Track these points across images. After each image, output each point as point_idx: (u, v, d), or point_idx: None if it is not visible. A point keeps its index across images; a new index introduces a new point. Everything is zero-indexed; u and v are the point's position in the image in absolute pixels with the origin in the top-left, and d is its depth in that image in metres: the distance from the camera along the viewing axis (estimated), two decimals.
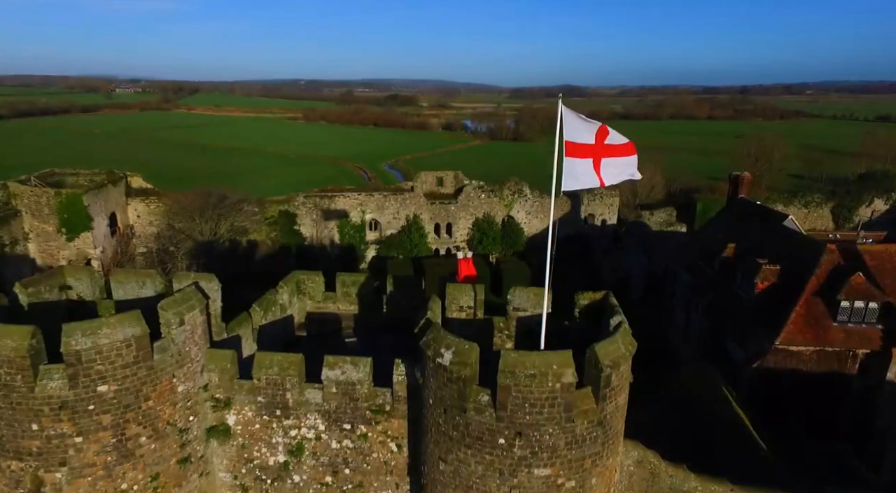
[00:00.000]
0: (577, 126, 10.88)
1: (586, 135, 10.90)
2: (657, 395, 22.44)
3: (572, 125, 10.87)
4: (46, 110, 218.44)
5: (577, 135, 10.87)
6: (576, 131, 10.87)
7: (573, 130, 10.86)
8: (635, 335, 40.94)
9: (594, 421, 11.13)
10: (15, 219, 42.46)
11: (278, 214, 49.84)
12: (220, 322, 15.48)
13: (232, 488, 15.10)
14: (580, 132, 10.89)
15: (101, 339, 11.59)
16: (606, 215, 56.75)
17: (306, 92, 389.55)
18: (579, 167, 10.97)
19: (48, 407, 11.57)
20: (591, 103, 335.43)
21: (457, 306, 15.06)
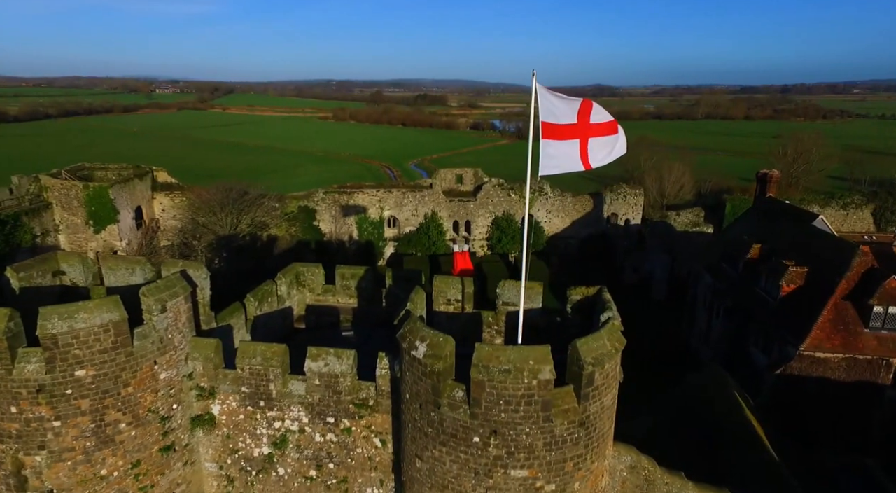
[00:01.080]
0: (554, 106, 10.23)
1: (567, 114, 10.26)
2: (666, 398, 21.49)
3: (549, 105, 10.23)
4: (90, 110, 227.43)
5: (555, 115, 10.23)
6: (554, 111, 10.23)
7: (551, 110, 10.22)
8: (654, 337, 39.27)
9: (575, 422, 10.50)
10: (46, 211, 43.93)
11: (298, 210, 50.23)
12: (209, 311, 15.39)
13: (218, 478, 14.98)
14: (560, 112, 10.25)
15: (78, 323, 11.55)
16: (630, 215, 55.24)
17: (337, 92, 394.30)
18: (560, 149, 10.33)
19: (26, 390, 11.59)
20: (623, 103, 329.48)
21: (444, 299, 14.59)
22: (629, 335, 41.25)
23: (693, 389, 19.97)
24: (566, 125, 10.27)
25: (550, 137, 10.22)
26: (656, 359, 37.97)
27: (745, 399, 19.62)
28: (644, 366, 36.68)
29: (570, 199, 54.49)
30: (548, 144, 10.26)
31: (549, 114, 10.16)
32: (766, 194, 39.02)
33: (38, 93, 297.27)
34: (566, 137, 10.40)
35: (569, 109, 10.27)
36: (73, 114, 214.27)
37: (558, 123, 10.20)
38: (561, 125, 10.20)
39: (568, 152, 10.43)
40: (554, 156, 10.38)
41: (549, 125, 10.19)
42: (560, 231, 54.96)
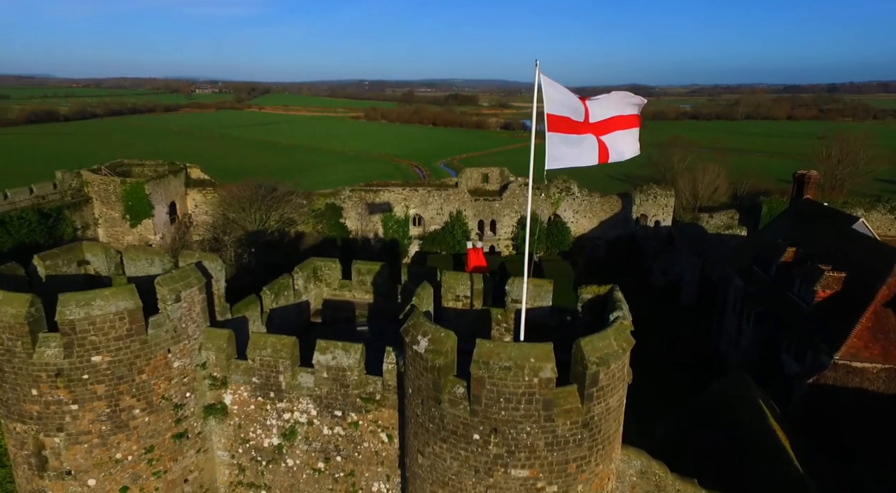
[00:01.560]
0: (561, 98, 9.98)
1: (578, 109, 9.99)
2: (689, 404, 20.87)
3: (555, 97, 9.99)
4: (134, 110, 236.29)
5: (563, 107, 9.98)
6: (563, 103, 9.98)
7: (556, 103, 9.98)
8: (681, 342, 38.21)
9: (578, 422, 10.24)
10: (87, 205, 45.74)
11: (325, 207, 50.88)
12: (224, 303, 15.68)
13: (230, 467, 15.25)
14: (569, 105, 9.99)
15: (95, 310, 11.92)
16: (660, 217, 53.98)
17: (370, 92, 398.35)
18: (568, 143, 10.08)
19: (45, 374, 12.03)
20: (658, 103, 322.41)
21: (453, 295, 14.48)
22: (655, 339, 40.24)
23: (716, 395, 19.31)
24: (577, 120, 10.02)
25: (556, 129, 10.00)
26: (683, 364, 37.00)
27: (772, 408, 18.86)
28: (670, 371, 35.88)
29: (597, 199, 53.60)
30: (553, 136, 10.04)
31: (554, 106, 9.94)
32: (804, 196, 37.49)
33: (87, 93, 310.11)
34: (580, 131, 10.14)
35: (579, 104, 10.01)
36: (118, 113, 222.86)
37: (566, 117, 9.96)
38: (569, 119, 9.96)
39: (581, 146, 10.16)
40: (559, 149, 10.14)
41: (555, 117, 9.96)
42: (587, 232, 54.12)
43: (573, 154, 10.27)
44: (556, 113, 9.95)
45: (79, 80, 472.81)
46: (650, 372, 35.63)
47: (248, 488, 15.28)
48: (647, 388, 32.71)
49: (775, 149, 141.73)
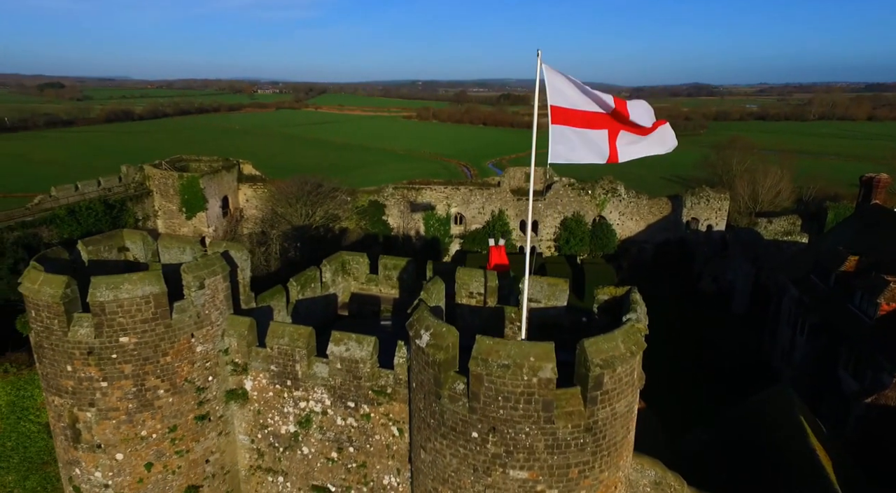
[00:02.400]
0: (570, 90, 9.62)
1: (590, 102, 9.62)
2: (726, 416, 19.82)
3: (560, 88, 9.63)
4: (201, 109, 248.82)
5: (569, 100, 9.62)
6: (568, 96, 9.63)
7: (562, 94, 9.63)
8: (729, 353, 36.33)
9: (580, 426, 9.90)
10: (148, 198, 48.52)
11: (368, 204, 51.70)
12: (249, 292, 16.19)
13: (250, 451, 15.74)
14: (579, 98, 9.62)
15: (123, 294, 12.59)
16: (713, 220, 51.57)
17: (423, 92, 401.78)
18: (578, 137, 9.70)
19: (78, 351, 12.82)
20: (721, 102, 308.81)
21: (466, 291, 14.34)
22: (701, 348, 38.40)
23: (755, 408, 18.23)
24: (590, 113, 9.66)
25: (560, 122, 9.67)
26: (730, 376, 35.19)
27: (816, 426, 17.59)
28: (716, 382, 34.20)
29: (645, 201, 51.83)
30: (557, 129, 9.72)
31: (558, 97, 9.62)
32: (871, 201, 34.82)
33: (160, 94, 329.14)
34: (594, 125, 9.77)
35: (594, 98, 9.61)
36: (187, 112, 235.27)
37: (574, 109, 9.62)
38: (579, 111, 9.62)
39: (594, 142, 9.79)
40: (565, 142, 9.81)
41: (560, 109, 9.64)
42: (633, 235, 52.44)
43: (580, 150, 9.91)
44: (561, 105, 9.63)
45: (153, 81, 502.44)
46: (692, 382, 34.38)
47: (267, 472, 15.72)
48: (687, 397, 31.55)
49: (851, 151, 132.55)
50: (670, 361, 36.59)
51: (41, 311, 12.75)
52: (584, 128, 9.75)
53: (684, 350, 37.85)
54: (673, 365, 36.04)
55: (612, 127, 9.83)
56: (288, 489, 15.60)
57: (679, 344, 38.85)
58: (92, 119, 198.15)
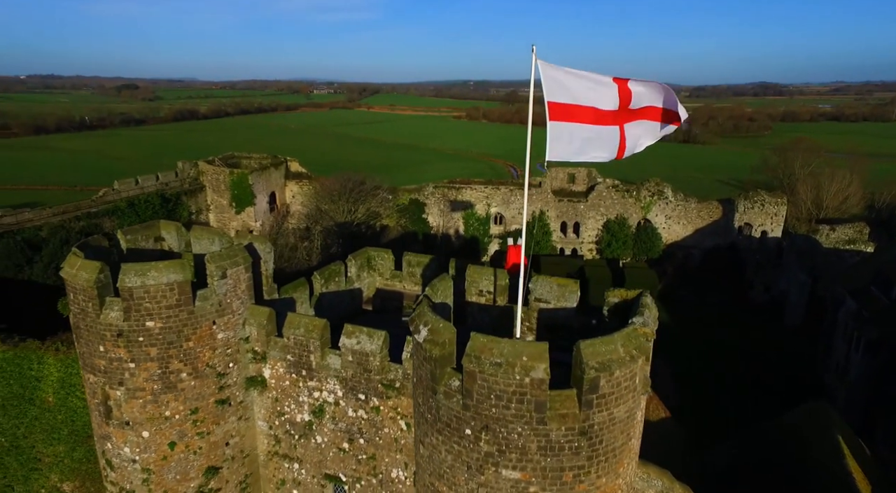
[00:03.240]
0: (569, 86, 9.39)
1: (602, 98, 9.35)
2: (758, 431, 18.86)
3: (558, 84, 9.41)
4: (260, 109, 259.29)
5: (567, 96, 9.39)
6: (567, 92, 9.39)
7: (559, 90, 9.40)
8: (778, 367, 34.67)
9: (575, 429, 9.70)
10: (201, 192, 50.96)
11: (409, 202, 52.29)
12: (272, 283, 16.76)
13: (268, 437, 16.30)
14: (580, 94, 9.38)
15: (149, 280, 13.34)
16: (768, 226, 49.06)
17: (474, 92, 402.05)
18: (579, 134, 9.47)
19: (109, 333, 13.68)
20: (790, 102, 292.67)
21: (476, 289, 14.29)
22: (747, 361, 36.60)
23: (789, 424, 17.25)
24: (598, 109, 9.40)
25: (558, 118, 9.48)
26: (778, 392, 33.32)
27: (858, 447, 16.46)
28: (762, 398, 32.46)
29: (694, 204, 49.94)
30: (555, 126, 9.53)
31: (555, 94, 9.43)
32: None
33: (223, 94, 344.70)
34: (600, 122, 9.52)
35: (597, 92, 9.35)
36: (246, 112, 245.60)
37: (573, 105, 9.40)
38: (579, 107, 9.39)
39: (598, 139, 9.54)
40: (566, 140, 9.60)
41: (557, 105, 9.44)
42: (680, 239, 50.61)
43: (585, 149, 9.67)
44: (560, 101, 9.44)
45: (217, 82, 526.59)
46: (735, 396, 32.77)
47: (284, 459, 16.24)
48: (727, 412, 30.11)
49: None
50: (713, 373, 35.11)
51: (78, 294, 13.71)
52: (590, 124, 9.51)
53: (729, 362, 36.21)
54: (716, 377, 34.56)
55: (623, 121, 9.53)
56: (303, 476, 16.06)
57: (723, 356, 37.20)
58: (161, 118, 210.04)
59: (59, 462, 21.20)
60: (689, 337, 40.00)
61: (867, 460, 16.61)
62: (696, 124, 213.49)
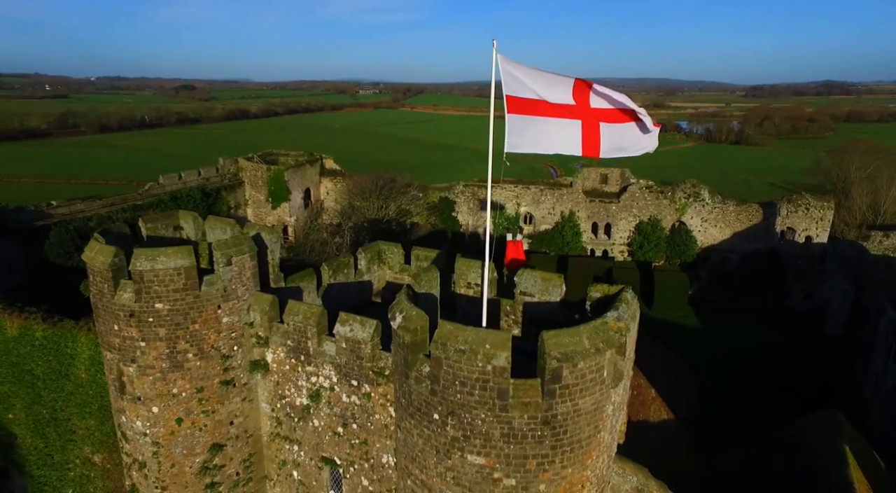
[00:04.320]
0: (528, 80, 9.50)
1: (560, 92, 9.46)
2: (769, 434, 18.26)
3: (517, 77, 9.52)
4: (307, 109, 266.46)
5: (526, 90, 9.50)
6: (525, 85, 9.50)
7: (518, 84, 9.51)
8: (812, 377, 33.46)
9: (537, 418, 9.80)
10: (240, 188, 53.05)
11: (438, 201, 52.80)
12: (278, 272, 17.48)
13: (270, 418, 17.04)
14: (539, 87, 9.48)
15: (159, 265, 14.26)
16: (812, 231, 46.80)
17: None
18: (538, 126, 9.57)
19: (122, 313, 14.69)
20: (857, 102, 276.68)
21: (465, 282, 14.51)
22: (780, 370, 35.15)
23: (797, 432, 16.63)
24: (557, 104, 9.53)
25: (517, 111, 9.61)
26: (811, 404, 31.81)
27: (869, 458, 15.70)
28: (792, 409, 31.09)
29: (732, 207, 48.21)
30: (514, 118, 9.66)
31: (514, 87, 9.55)
32: None
33: (273, 95, 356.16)
34: (560, 115, 9.65)
35: (554, 87, 9.49)
36: (294, 112, 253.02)
37: (533, 99, 9.52)
38: (539, 101, 9.51)
39: (559, 132, 9.66)
40: (526, 131, 9.72)
41: (516, 99, 9.58)
42: (717, 243, 48.98)
43: (544, 140, 9.78)
44: (517, 95, 9.57)
45: (269, 83, 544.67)
46: (764, 405, 31.51)
47: (285, 440, 16.94)
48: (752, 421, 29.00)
49: None
50: (741, 379, 33.92)
51: (96, 276, 14.79)
52: (548, 117, 9.62)
53: (759, 370, 34.86)
54: (744, 384, 33.37)
55: (588, 119, 9.61)
56: (302, 458, 16.71)
57: (754, 363, 35.84)
58: (214, 117, 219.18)
59: (91, 435, 22.73)
60: (719, 343, 38.76)
61: (878, 471, 15.81)
62: (749, 125, 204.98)
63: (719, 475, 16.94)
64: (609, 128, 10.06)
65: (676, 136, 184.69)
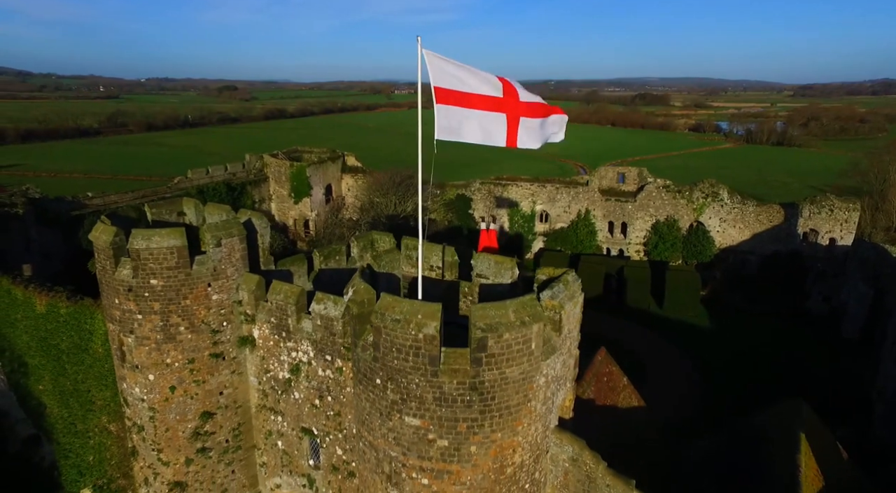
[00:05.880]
0: (455, 73, 10.27)
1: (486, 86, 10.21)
2: (734, 424, 18.46)
3: (444, 70, 10.30)
4: (343, 108, 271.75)
5: (454, 82, 10.27)
6: (453, 78, 10.28)
7: (446, 76, 10.28)
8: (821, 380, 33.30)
9: (465, 384, 10.60)
10: (265, 183, 55.27)
11: (455, 197, 53.68)
12: (268, 256, 18.73)
13: (258, 391, 18.30)
14: (466, 80, 10.25)
15: (153, 244, 15.68)
16: (836, 233, 45.56)
17: (555, 92, 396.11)
18: (466, 117, 10.34)
19: (122, 288, 16.19)
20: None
21: (427, 265, 15.34)
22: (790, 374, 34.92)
23: (761, 421, 16.81)
24: (483, 96, 10.30)
25: (446, 102, 10.39)
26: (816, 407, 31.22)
27: (828, 445, 15.79)
28: None
29: (752, 208, 47.35)
30: (442, 108, 10.46)
31: (442, 79, 10.34)
32: None
33: (310, 95, 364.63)
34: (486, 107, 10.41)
35: (480, 81, 10.26)
36: (330, 112, 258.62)
37: (460, 91, 10.29)
38: (466, 93, 10.28)
39: (485, 124, 10.42)
40: (454, 121, 10.50)
41: (444, 90, 10.36)
42: (736, 244, 48.19)
43: (472, 130, 10.54)
44: (445, 86, 10.36)
45: (307, 83, 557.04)
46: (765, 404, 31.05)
47: (270, 412, 18.17)
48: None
49: None
50: (746, 379, 33.56)
51: (100, 253, 16.35)
52: (475, 109, 10.39)
53: (767, 371, 34.37)
54: (749, 385, 33.00)
55: (512, 112, 10.35)
56: (285, 428, 17.90)
57: (762, 363, 35.34)
58: (253, 117, 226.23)
59: (107, 406, 24.61)
60: (729, 343, 38.30)
61: (837, 459, 15.81)
62: (793, 126, 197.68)
63: (685, 463, 17.24)
64: (527, 121, 10.80)
65: (714, 136, 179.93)
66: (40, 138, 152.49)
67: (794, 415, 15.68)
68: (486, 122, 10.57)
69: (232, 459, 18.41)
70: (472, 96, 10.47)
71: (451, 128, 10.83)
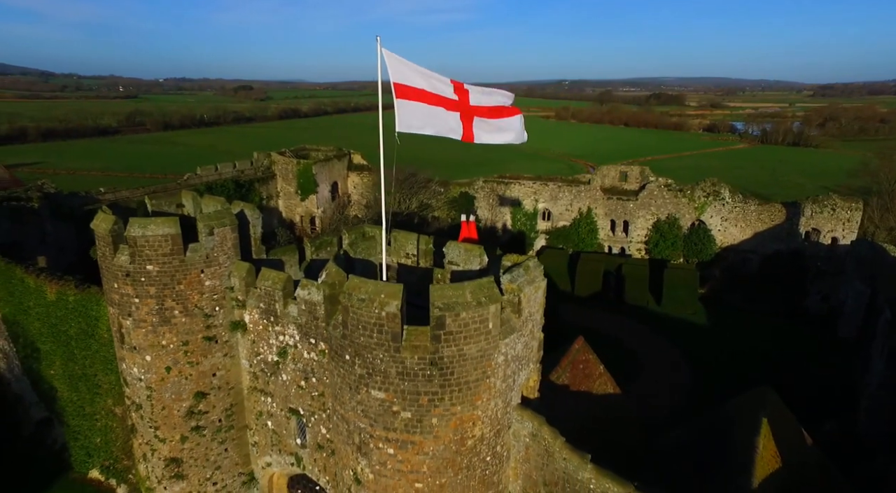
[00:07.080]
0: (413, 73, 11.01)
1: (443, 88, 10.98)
2: (707, 413, 18.98)
3: (403, 69, 11.05)
4: (356, 108, 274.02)
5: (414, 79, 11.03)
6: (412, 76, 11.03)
7: (405, 74, 11.04)
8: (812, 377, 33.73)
9: (426, 359, 11.36)
10: (272, 180, 56.45)
11: (459, 195, 54.40)
12: (260, 245, 19.67)
13: (249, 373, 19.24)
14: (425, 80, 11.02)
15: (149, 231, 16.67)
16: (839, 233, 45.44)
17: (569, 92, 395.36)
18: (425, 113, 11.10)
19: (120, 273, 17.22)
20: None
21: (403, 252, 16.11)
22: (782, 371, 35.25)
23: (730, 409, 17.32)
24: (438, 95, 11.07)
25: (405, 97, 11.17)
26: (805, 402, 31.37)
27: (792, 430, 16.26)
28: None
29: (753, 207, 47.39)
30: (402, 103, 11.23)
31: (401, 76, 11.11)
32: None
33: (324, 95, 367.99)
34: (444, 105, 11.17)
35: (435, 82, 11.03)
36: (343, 111, 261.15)
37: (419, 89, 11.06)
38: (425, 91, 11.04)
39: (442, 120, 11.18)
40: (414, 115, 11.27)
41: (403, 86, 11.14)
42: (737, 243, 48.25)
43: (430, 124, 11.31)
44: (404, 83, 11.13)
45: (321, 83, 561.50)
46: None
47: (260, 393, 19.10)
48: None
49: None
50: (739, 377, 33.81)
51: (100, 241, 17.40)
52: (432, 105, 11.17)
53: (760, 368, 34.57)
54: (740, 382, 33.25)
55: (465, 112, 11.13)
56: (274, 409, 18.81)
57: (756, 361, 35.55)
58: (268, 116, 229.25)
59: (112, 389, 25.78)
60: (724, 341, 38.53)
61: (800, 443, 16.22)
62: (810, 126, 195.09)
63: (658, 450, 17.79)
64: (481, 122, 11.56)
65: (729, 136, 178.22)
66: (60, 137, 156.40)
67: (759, 401, 16.16)
68: (442, 118, 11.35)
69: (225, 438, 19.37)
70: (429, 94, 11.26)
71: (411, 122, 11.61)
